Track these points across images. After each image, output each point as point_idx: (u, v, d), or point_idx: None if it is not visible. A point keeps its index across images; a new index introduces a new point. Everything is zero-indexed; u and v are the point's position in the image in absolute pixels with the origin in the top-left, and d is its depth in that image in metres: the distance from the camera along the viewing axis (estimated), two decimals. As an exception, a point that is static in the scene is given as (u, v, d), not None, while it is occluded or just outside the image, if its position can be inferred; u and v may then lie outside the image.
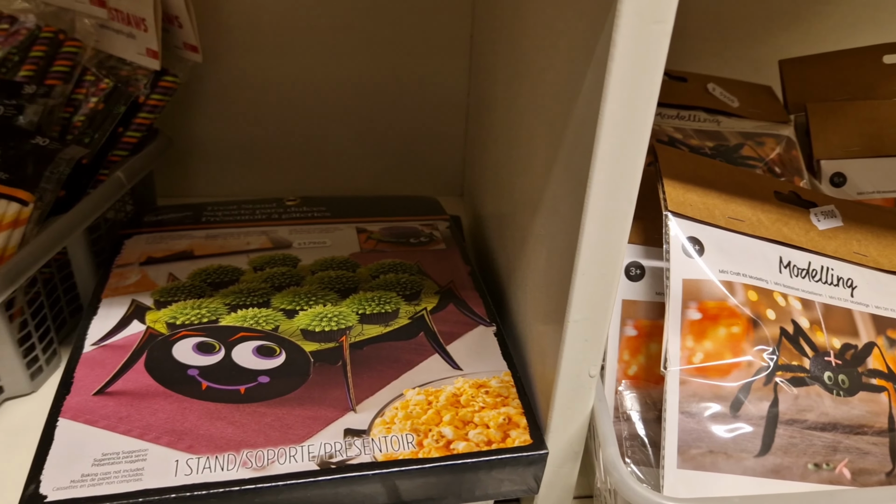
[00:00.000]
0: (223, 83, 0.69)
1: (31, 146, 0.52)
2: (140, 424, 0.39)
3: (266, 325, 0.47)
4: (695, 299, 0.39)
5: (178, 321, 0.47)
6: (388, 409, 0.41)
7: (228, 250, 0.55)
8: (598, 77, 0.30)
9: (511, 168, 0.50)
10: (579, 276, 0.34)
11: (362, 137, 0.74)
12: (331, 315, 0.48)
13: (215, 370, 0.43)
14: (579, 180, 0.33)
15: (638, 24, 0.28)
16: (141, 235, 0.57)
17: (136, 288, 0.50)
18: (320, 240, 0.57)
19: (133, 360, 0.44)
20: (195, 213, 0.60)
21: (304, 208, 0.62)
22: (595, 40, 0.30)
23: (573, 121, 0.34)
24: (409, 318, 0.48)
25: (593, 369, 0.38)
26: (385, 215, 0.61)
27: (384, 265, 0.53)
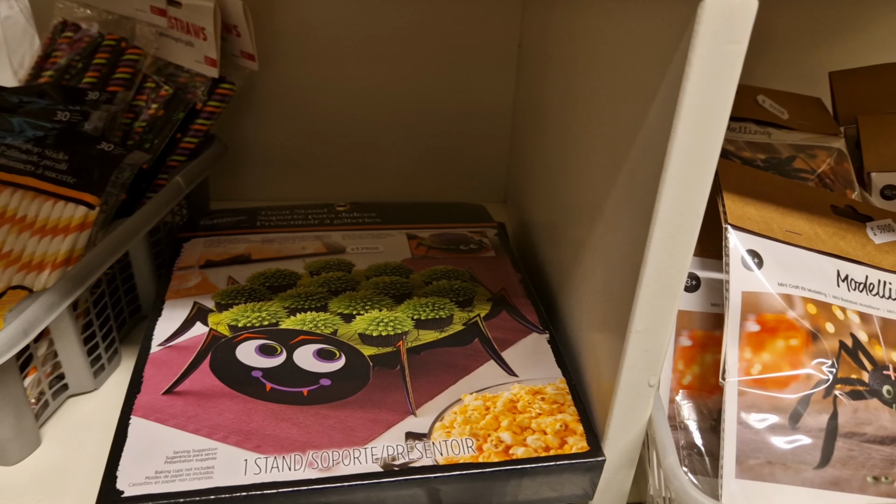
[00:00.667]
0: (275, 90, 0.70)
1: (96, 151, 0.54)
2: (208, 424, 0.41)
3: (325, 328, 0.48)
4: (753, 311, 0.39)
5: (239, 323, 0.48)
6: (447, 414, 0.42)
7: (285, 254, 0.56)
8: (670, 95, 0.31)
9: (564, 178, 0.51)
10: (643, 288, 0.35)
11: (407, 143, 0.75)
12: (387, 320, 0.49)
13: (278, 372, 0.44)
14: (646, 195, 0.34)
15: (714, 45, 0.29)
16: (198, 239, 0.58)
17: (198, 290, 0.51)
18: (373, 245, 0.58)
19: (198, 361, 0.45)
20: (250, 217, 0.62)
21: (354, 214, 0.63)
22: (669, 59, 0.31)
23: (641, 136, 0.35)
24: (464, 325, 0.49)
25: (653, 379, 0.39)
26: (434, 222, 0.62)
27: (436, 272, 0.54)
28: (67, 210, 0.52)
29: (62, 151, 0.53)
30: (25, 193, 0.52)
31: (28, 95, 0.58)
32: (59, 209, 0.52)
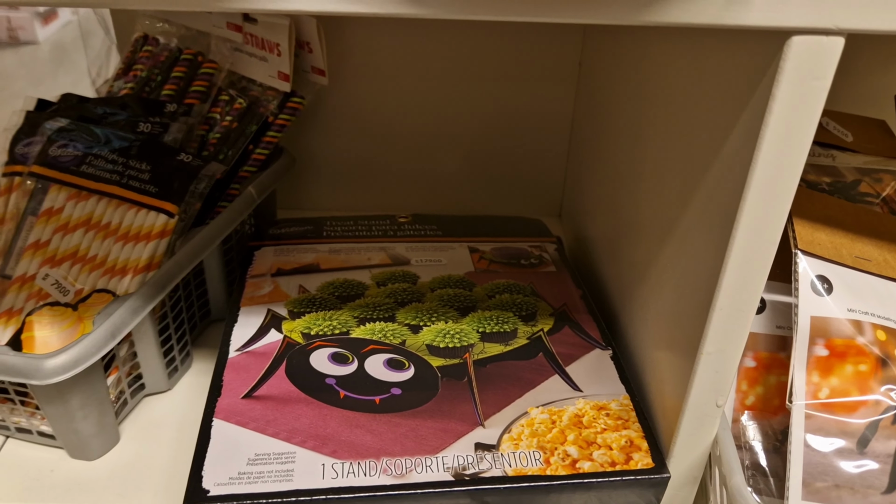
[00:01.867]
0: (340, 103, 0.72)
1: (176, 162, 0.56)
2: (286, 428, 0.43)
3: (393, 338, 0.49)
4: (822, 336, 0.40)
5: (312, 331, 0.50)
6: (515, 426, 0.43)
7: (352, 265, 0.58)
8: (751, 126, 0.32)
9: (629, 196, 0.52)
10: (716, 312, 0.36)
11: (465, 156, 0.76)
12: (453, 332, 0.50)
13: (351, 380, 0.46)
14: (723, 221, 0.35)
15: (799, 81, 0.30)
16: (268, 247, 0.60)
17: (271, 298, 0.54)
18: (436, 258, 0.59)
19: (275, 367, 0.47)
20: (316, 227, 0.64)
21: (416, 226, 0.65)
22: (751, 92, 0.32)
23: (717, 163, 0.36)
24: (528, 339, 0.50)
25: (721, 399, 0.39)
26: (493, 235, 0.64)
27: (499, 285, 0.56)
28: (149, 218, 0.54)
29: (145, 162, 0.56)
30: (110, 201, 0.55)
31: (111, 107, 0.61)
32: (141, 217, 0.54)
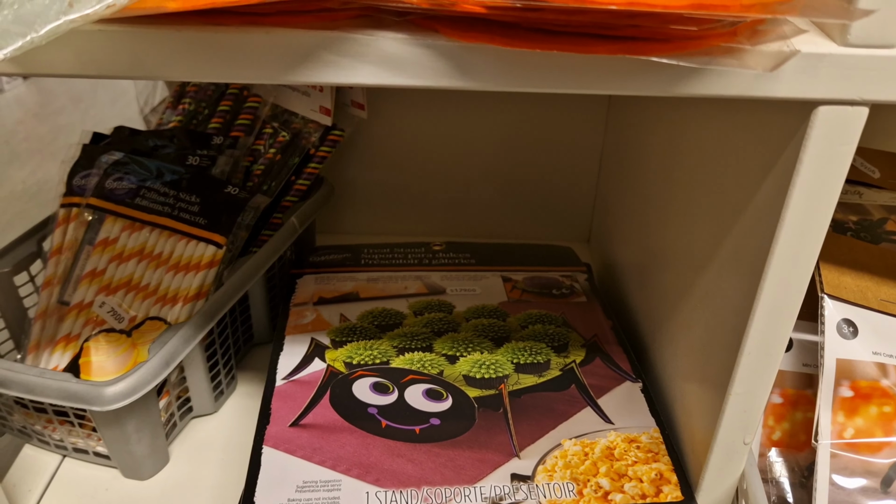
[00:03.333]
0: (378, 134, 0.75)
1: (224, 195, 0.59)
2: (332, 456, 0.45)
3: (431, 368, 0.52)
4: (847, 378, 0.41)
5: (354, 361, 0.52)
6: (549, 458, 0.45)
7: (389, 293, 0.60)
8: (780, 185, 0.34)
9: (660, 230, 0.54)
10: (745, 356, 0.38)
11: (495, 182, 0.79)
12: (488, 363, 0.52)
13: (392, 409, 0.48)
14: (752, 268, 0.36)
15: (825, 147, 0.32)
16: (310, 276, 0.63)
17: (314, 327, 0.56)
18: (470, 287, 0.62)
19: (319, 396, 0.49)
20: (354, 255, 0.66)
21: (450, 254, 0.67)
22: (778, 153, 0.34)
23: (747, 215, 0.38)
24: (560, 370, 0.52)
25: (748, 437, 0.41)
26: (526, 264, 0.66)
27: (531, 316, 0.58)
28: (199, 249, 0.57)
29: (194, 195, 0.59)
30: (162, 232, 0.58)
31: (161, 139, 0.64)
32: (191, 248, 0.57)
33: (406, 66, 0.30)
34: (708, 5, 0.25)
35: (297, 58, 0.29)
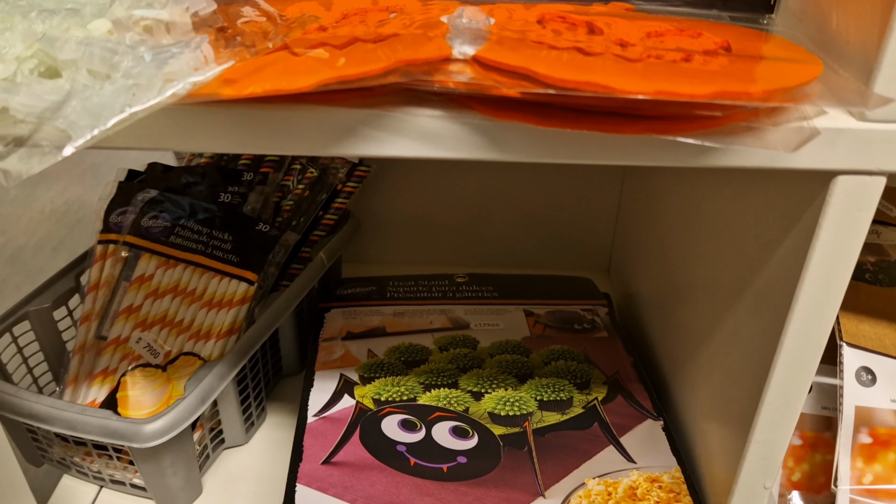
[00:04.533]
0: (402, 167, 0.77)
1: (255, 233, 0.61)
2: (363, 495, 0.47)
3: (457, 405, 0.53)
4: (866, 425, 0.42)
5: (382, 397, 0.54)
6: (573, 498, 0.47)
7: (415, 328, 0.62)
8: (799, 246, 0.35)
9: (678, 266, 0.55)
10: (766, 406, 0.39)
11: (515, 212, 0.80)
12: (513, 400, 0.54)
13: (419, 447, 0.50)
14: (773, 323, 0.38)
15: (843, 213, 0.33)
16: (337, 309, 0.65)
17: (342, 363, 0.58)
18: (493, 322, 0.63)
19: (349, 433, 0.51)
20: (379, 288, 0.68)
21: (473, 287, 0.68)
22: (799, 216, 0.35)
23: (768, 270, 0.39)
24: (583, 408, 0.53)
25: (768, 482, 0.42)
26: (547, 298, 0.67)
27: (554, 352, 0.59)
28: (231, 286, 0.59)
29: (227, 232, 0.60)
30: (196, 270, 0.60)
31: (193, 176, 0.66)
32: (224, 285, 0.59)
33: (442, 140, 0.31)
34: (731, 93, 0.27)
35: (340, 133, 0.31)
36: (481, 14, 0.33)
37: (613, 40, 0.32)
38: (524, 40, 0.30)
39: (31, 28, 0.30)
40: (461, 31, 0.31)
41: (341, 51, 0.30)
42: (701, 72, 0.28)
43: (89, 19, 0.31)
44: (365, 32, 0.31)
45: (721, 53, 0.31)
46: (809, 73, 0.29)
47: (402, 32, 0.31)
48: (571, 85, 0.27)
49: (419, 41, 0.30)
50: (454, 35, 0.31)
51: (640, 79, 0.27)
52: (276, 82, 0.27)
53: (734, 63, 0.30)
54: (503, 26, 0.32)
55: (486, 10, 0.36)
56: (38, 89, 0.27)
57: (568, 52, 0.30)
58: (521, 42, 0.30)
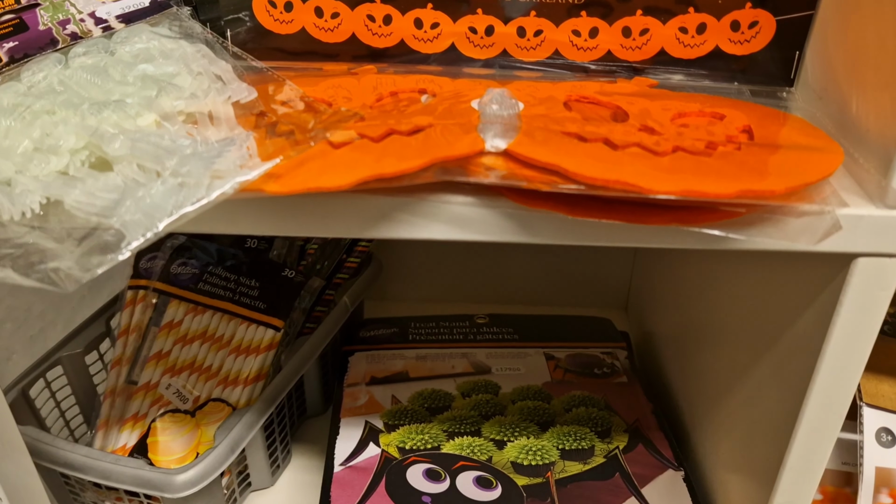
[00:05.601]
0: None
1: (281, 279, 0.62)
2: (390, 546, 0.48)
3: (480, 454, 0.54)
4: (886, 485, 0.43)
5: (406, 446, 0.55)
6: (596, 551, 0.47)
7: (437, 373, 0.63)
8: (820, 318, 0.36)
9: (700, 312, 0.56)
10: (787, 470, 0.40)
11: (534, 251, 0.81)
12: (535, 448, 0.55)
13: (444, 498, 0.51)
14: (793, 392, 0.39)
15: (863, 292, 0.34)
16: (361, 353, 0.66)
17: (367, 410, 0.59)
18: (514, 366, 0.64)
19: (375, 483, 0.52)
20: (401, 330, 0.69)
21: (493, 328, 0.69)
22: (819, 292, 0.36)
23: (788, 338, 0.40)
24: (605, 457, 0.54)
25: (790, 541, 0.43)
26: (567, 340, 0.68)
27: (575, 398, 0.60)
28: (258, 333, 0.60)
29: (254, 279, 0.62)
30: (224, 316, 0.61)
31: (220, 221, 0.67)
32: (251, 331, 0.60)
33: (473, 224, 0.32)
34: (755, 192, 0.28)
35: (376, 218, 0.32)
36: (510, 99, 0.34)
37: (639, 127, 0.33)
38: (553, 131, 0.32)
39: (83, 121, 0.31)
40: (492, 120, 0.32)
41: (378, 143, 0.31)
42: (725, 168, 0.29)
43: (136, 110, 0.32)
44: (399, 121, 0.32)
45: (744, 142, 0.32)
46: (830, 164, 0.30)
47: (436, 123, 0.32)
48: (601, 183, 0.28)
49: (453, 134, 0.31)
50: (486, 126, 0.32)
51: (667, 176, 0.28)
52: (318, 180, 0.29)
53: (757, 155, 0.31)
54: (532, 114, 0.33)
55: (514, 88, 0.37)
56: (93, 186, 0.29)
57: (596, 144, 0.31)
58: (551, 134, 0.31)
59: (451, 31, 0.40)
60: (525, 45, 0.40)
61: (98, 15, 0.41)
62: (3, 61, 0.38)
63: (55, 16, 0.41)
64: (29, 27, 0.40)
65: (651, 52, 0.40)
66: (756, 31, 0.38)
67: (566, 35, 0.39)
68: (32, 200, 0.29)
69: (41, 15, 0.41)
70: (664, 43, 0.39)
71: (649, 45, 0.39)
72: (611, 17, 0.39)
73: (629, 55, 0.40)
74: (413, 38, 0.41)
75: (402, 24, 0.40)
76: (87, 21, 0.40)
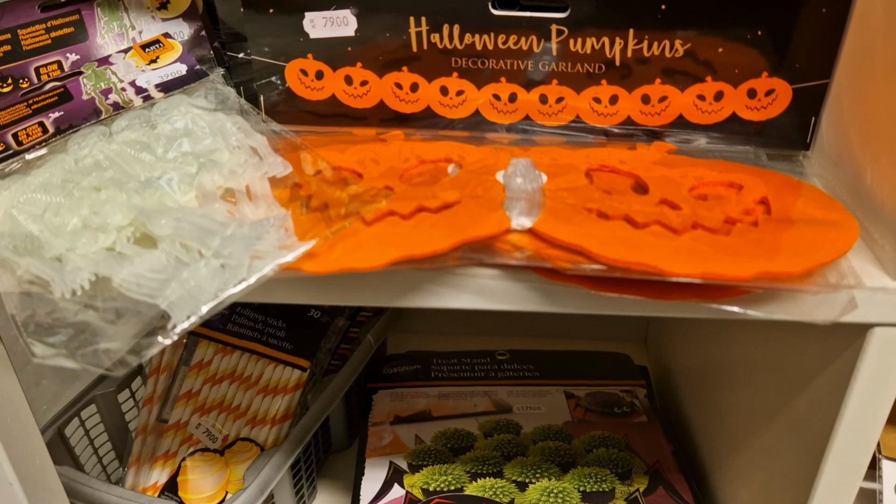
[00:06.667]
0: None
1: (307, 319, 0.64)
2: (415, 591, 0.49)
3: (503, 496, 0.55)
4: (905, 537, 0.44)
5: (430, 487, 0.56)
6: None
7: (460, 412, 0.64)
8: (835, 383, 0.37)
9: (719, 352, 0.57)
10: (806, 527, 0.41)
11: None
12: (556, 490, 0.56)
13: (468, 542, 0.52)
14: (811, 450, 0.39)
15: (878, 359, 0.35)
16: (384, 391, 0.67)
17: (391, 450, 0.60)
18: (535, 405, 0.65)
19: (401, 526, 0.53)
20: (424, 367, 0.71)
21: (514, 365, 0.71)
22: (835, 357, 0.37)
23: (806, 395, 0.41)
24: (625, 500, 0.55)
25: (810, 593, 0.44)
26: (587, 377, 0.69)
27: (595, 438, 0.61)
28: (286, 373, 0.62)
29: (281, 319, 0.64)
30: (252, 356, 0.63)
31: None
32: (278, 371, 0.62)
33: (500, 295, 0.34)
34: (772, 274, 0.29)
35: (406, 289, 0.34)
36: (534, 171, 0.36)
37: (660, 199, 0.34)
38: (576, 207, 0.33)
39: (129, 200, 0.33)
40: (517, 195, 0.34)
41: (408, 220, 0.32)
42: (743, 247, 0.30)
43: (178, 187, 0.34)
44: (427, 196, 0.34)
45: (761, 217, 0.33)
46: (846, 241, 0.31)
47: (464, 199, 0.33)
48: (623, 264, 0.29)
49: (480, 212, 0.32)
50: (511, 202, 0.33)
51: (686, 258, 0.29)
52: (352, 260, 0.30)
53: (773, 232, 0.32)
54: (555, 187, 0.35)
55: (536, 154, 0.38)
56: (140, 266, 0.30)
57: (618, 222, 0.32)
58: (574, 210, 0.33)
59: (476, 98, 0.42)
60: (547, 111, 0.41)
61: (138, 84, 0.43)
62: (49, 132, 0.40)
63: (98, 84, 0.43)
64: (73, 96, 0.42)
65: (670, 118, 0.41)
66: (773, 99, 0.39)
67: (587, 102, 0.41)
68: (82, 278, 0.31)
69: (84, 84, 0.43)
70: (682, 109, 0.40)
71: (668, 111, 0.41)
72: (630, 85, 0.40)
73: (648, 120, 0.41)
74: (439, 104, 0.42)
75: (428, 91, 0.42)
76: (128, 90, 0.42)
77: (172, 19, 0.48)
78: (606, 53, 0.39)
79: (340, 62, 0.42)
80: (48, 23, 0.46)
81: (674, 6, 0.38)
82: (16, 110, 0.41)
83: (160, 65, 0.44)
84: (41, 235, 0.32)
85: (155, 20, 0.48)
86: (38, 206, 0.34)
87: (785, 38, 0.38)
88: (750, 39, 0.38)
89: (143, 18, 0.47)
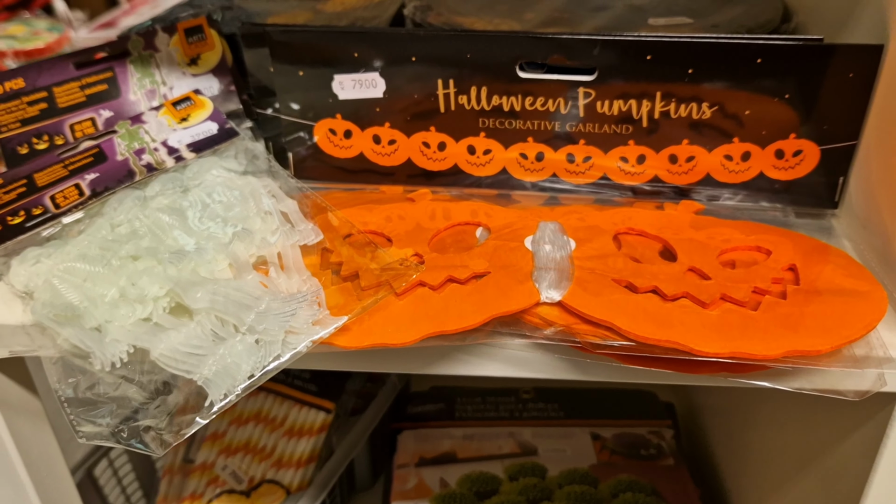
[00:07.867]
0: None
1: (333, 360, 0.64)
2: None
3: (529, 543, 0.55)
4: None
5: (456, 534, 0.56)
6: None
7: (485, 454, 0.64)
8: (867, 446, 0.36)
9: (749, 391, 0.57)
10: (837, 588, 0.40)
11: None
12: (582, 538, 0.56)
13: (494, 591, 0.52)
14: (842, 511, 0.39)
15: None
16: (409, 431, 0.67)
17: (417, 494, 0.60)
18: (560, 447, 0.65)
19: (427, 574, 0.53)
20: (448, 405, 0.71)
21: (539, 404, 0.71)
22: (865, 420, 0.37)
23: (834, 455, 0.40)
24: (652, 548, 0.55)
25: None
26: (612, 416, 0.69)
27: (622, 482, 0.61)
28: (311, 415, 0.62)
29: (306, 361, 0.64)
30: (276, 398, 0.63)
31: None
32: (303, 413, 0.62)
33: (529, 365, 0.34)
34: (800, 352, 0.29)
35: (437, 358, 0.34)
36: (562, 236, 0.36)
37: (688, 267, 0.34)
38: (605, 278, 0.33)
39: (165, 270, 0.34)
40: (546, 265, 0.34)
41: (438, 293, 0.33)
42: (771, 326, 0.30)
43: (212, 255, 0.35)
44: (456, 266, 0.34)
45: (789, 288, 0.33)
46: (875, 314, 0.31)
47: (493, 270, 0.34)
48: (652, 341, 0.30)
49: (509, 283, 0.33)
50: (540, 273, 0.33)
51: (715, 336, 0.30)
52: (384, 336, 0.31)
53: (802, 306, 0.32)
54: (583, 255, 0.35)
55: (563, 216, 0.39)
56: (176, 340, 0.31)
57: (646, 296, 0.32)
58: (603, 283, 0.33)
59: (503, 158, 0.42)
60: (574, 169, 0.42)
61: (170, 143, 0.43)
62: (86, 194, 0.40)
63: (131, 145, 0.44)
64: (108, 157, 0.43)
65: (697, 177, 0.41)
66: (800, 159, 0.39)
67: (614, 161, 0.41)
68: (121, 350, 0.32)
69: (118, 143, 0.44)
70: (710, 169, 0.40)
71: (695, 170, 0.41)
72: (658, 145, 0.40)
73: (676, 179, 0.41)
74: (466, 162, 0.43)
75: (455, 150, 0.42)
76: (161, 150, 0.43)
77: (202, 74, 0.49)
78: (634, 115, 0.40)
79: (369, 122, 0.43)
80: (83, 80, 0.47)
81: (701, 69, 0.38)
82: (53, 171, 0.42)
83: (191, 123, 0.45)
84: (80, 305, 0.33)
85: (185, 75, 0.49)
86: (77, 276, 0.34)
87: (812, 101, 0.38)
88: (777, 102, 0.38)
89: (174, 74, 0.49)
